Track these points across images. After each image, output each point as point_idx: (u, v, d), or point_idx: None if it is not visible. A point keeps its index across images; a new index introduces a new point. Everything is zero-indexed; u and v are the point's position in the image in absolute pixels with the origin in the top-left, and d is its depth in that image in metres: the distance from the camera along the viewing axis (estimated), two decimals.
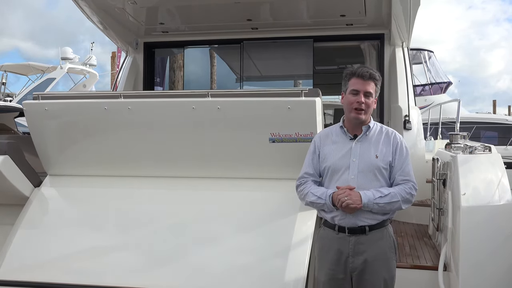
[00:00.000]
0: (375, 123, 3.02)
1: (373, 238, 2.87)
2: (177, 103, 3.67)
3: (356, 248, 2.86)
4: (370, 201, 2.78)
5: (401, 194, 2.83)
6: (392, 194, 2.81)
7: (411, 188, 2.87)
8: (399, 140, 2.97)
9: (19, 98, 19.75)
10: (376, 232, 2.87)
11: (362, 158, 2.89)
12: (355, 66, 2.98)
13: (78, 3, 5.35)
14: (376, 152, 2.90)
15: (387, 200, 2.80)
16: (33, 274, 3.33)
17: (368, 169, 2.87)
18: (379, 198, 2.79)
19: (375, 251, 2.85)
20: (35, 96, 3.82)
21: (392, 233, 2.97)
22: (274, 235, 3.36)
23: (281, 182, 3.67)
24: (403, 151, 2.95)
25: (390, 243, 2.92)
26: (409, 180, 2.89)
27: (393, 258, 2.92)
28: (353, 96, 2.90)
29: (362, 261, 2.85)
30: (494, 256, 3.37)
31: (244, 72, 6.79)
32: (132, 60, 6.77)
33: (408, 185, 2.87)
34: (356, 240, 2.86)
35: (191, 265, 3.27)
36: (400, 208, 2.88)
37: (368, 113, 2.93)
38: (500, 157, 3.83)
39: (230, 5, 5.50)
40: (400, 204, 2.84)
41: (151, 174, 3.88)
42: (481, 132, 15.61)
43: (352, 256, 2.86)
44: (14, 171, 3.76)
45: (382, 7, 5.53)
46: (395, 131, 3.03)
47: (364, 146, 2.93)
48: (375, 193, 2.80)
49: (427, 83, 17.93)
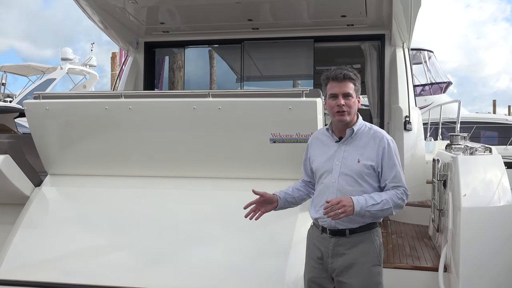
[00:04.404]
0: (364, 124, 2.93)
1: (353, 241, 2.82)
2: (178, 103, 3.68)
3: (335, 250, 2.83)
4: (362, 209, 2.72)
5: (392, 199, 2.77)
6: (384, 201, 2.75)
7: (403, 194, 2.80)
8: (386, 143, 2.83)
9: (19, 98, 19.75)
10: (358, 235, 2.82)
11: (344, 162, 2.84)
12: (331, 69, 2.92)
13: (79, 3, 5.35)
14: (359, 156, 2.83)
15: (379, 207, 2.74)
16: (33, 273, 3.33)
17: (349, 173, 2.82)
18: (371, 206, 2.73)
19: (354, 254, 2.81)
20: (36, 96, 3.82)
21: (378, 237, 2.88)
22: (274, 235, 3.36)
23: (281, 182, 3.65)
24: (391, 154, 2.83)
25: (373, 247, 2.83)
26: (400, 185, 2.81)
27: (375, 263, 2.82)
28: (332, 100, 2.85)
29: (340, 263, 2.81)
30: (494, 257, 3.37)
31: (245, 72, 6.79)
32: (132, 60, 6.77)
33: (400, 190, 2.80)
34: (336, 242, 2.83)
35: (191, 265, 3.28)
36: (391, 214, 2.84)
37: (351, 113, 2.85)
38: (500, 158, 3.84)
39: (231, 5, 5.50)
40: (392, 210, 2.79)
41: (152, 174, 3.88)
42: (481, 132, 15.62)
43: (332, 257, 2.83)
44: (14, 170, 3.77)
45: (383, 8, 5.53)
46: (383, 132, 2.90)
47: (348, 149, 2.87)
48: (368, 200, 2.73)
49: (427, 83, 17.93)
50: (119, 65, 17.71)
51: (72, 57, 22.87)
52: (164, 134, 3.72)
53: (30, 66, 23.33)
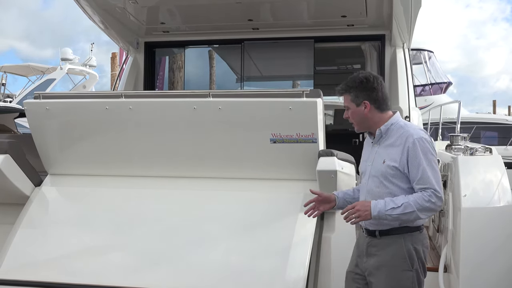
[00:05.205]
0: (395, 122, 2.88)
1: (383, 243, 2.81)
2: (178, 103, 3.68)
3: (368, 250, 2.86)
4: (381, 213, 2.68)
5: (418, 202, 2.67)
6: (406, 204, 2.66)
7: (431, 196, 2.67)
8: (411, 142, 2.75)
9: (19, 98, 19.74)
10: (388, 238, 2.81)
11: (374, 163, 2.87)
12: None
13: (79, 3, 5.35)
14: (385, 156, 2.82)
15: (400, 211, 2.66)
16: (33, 273, 3.33)
17: (376, 175, 2.84)
18: (390, 210, 2.67)
19: (383, 256, 2.80)
20: (36, 96, 3.82)
21: (413, 242, 2.80)
22: (275, 236, 3.36)
23: (282, 183, 3.67)
24: (416, 154, 2.73)
25: (401, 251, 2.78)
26: (428, 187, 2.68)
27: (405, 268, 2.78)
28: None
29: (371, 264, 2.84)
30: (494, 258, 3.37)
31: (245, 72, 6.78)
32: (132, 59, 6.77)
33: (427, 192, 2.68)
34: (369, 242, 2.87)
35: (192, 265, 3.27)
36: (419, 218, 2.74)
37: (358, 123, 2.93)
38: (500, 159, 3.84)
39: (231, 5, 5.50)
40: (417, 214, 2.68)
41: (152, 174, 3.88)
42: (481, 132, 15.62)
43: (366, 257, 2.87)
44: (15, 170, 3.76)
45: (383, 8, 5.53)
46: (413, 130, 2.83)
47: (379, 150, 2.88)
48: (388, 204, 2.68)
49: (427, 83, 17.94)
50: (119, 65, 17.69)
51: (72, 57, 22.86)
52: (164, 134, 3.71)
53: (30, 66, 23.33)
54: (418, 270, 2.81)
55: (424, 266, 2.86)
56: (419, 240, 2.83)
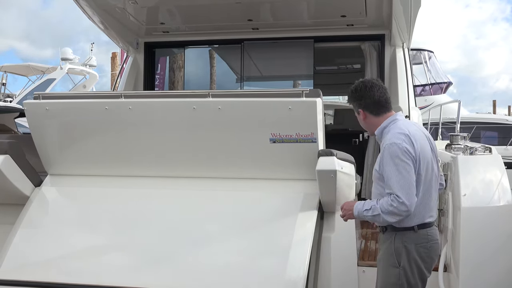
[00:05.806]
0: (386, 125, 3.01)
1: (383, 239, 3.04)
2: (178, 103, 3.68)
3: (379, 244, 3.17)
4: (360, 213, 2.94)
5: (383, 206, 2.81)
6: (373, 208, 2.86)
7: (393, 200, 2.77)
8: (384, 148, 2.89)
9: (19, 98, 19.74)
10: (386, 234, 3.02)
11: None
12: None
13: (79, 3, 5.35)
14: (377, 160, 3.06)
15: (370, 213, 2.87)
16: (33, 273, 3.33)
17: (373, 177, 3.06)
18: (365, 211, 2.91)
19: (381, 252, 3.06)
20: (36, 96, 3.82)
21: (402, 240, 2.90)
22: (275, 235, 3.36)
23: (281, 183, 3.67)
24: (385, 159, 2.86)
25: (391, 248, 2.92)
26: (391, 192, 2.80)
27: (391, 265, 2.91)
28: None
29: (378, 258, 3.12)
30: (494, 257, 3.37)
31: (245, 72, 6.78)
32: (132, 60, 6.77)
33: (390, 197, 2.79)
34: (379, 237, 3.14)
35: (192, 265, 3.28)
36: (387, 222, 2.85)
37: (365, 128, 3.22)
38: (500, 158, 3.84)
39: (231, 5, 5.50)
40: (383, 216, 2.80)
41: (152, 174, 3.88)
42: (481, 132, 15.61)
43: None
44: (14, 170, 3.76)
45: (382, 8, 5.53)
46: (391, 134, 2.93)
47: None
48: (364, 206, 2.93)
49: (427, 83, 17.93)
50: (119, 65, 17.68)
51: (72, 57, 22.85)
52: (164, 134, 3.71)
53: (30, 66, 23.32)
54: (406, 269, 2.87)
55: (419, 266, 2.90)
56: (411, 239, 2.90)
